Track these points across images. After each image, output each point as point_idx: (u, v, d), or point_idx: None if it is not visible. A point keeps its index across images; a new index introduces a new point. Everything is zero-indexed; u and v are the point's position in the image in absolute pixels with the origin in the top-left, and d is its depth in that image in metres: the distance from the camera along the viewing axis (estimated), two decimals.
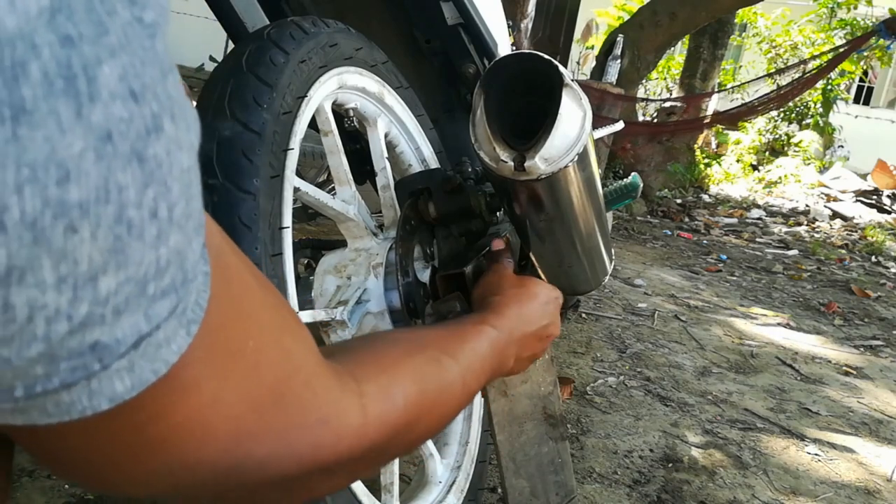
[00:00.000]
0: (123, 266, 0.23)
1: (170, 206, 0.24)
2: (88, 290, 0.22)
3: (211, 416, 0.30)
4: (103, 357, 0.24)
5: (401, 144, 1.09)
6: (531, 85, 0.66)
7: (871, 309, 3.27)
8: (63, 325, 0.22)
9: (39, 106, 0.19)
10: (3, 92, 0.18)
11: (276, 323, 0.35)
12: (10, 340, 0.21)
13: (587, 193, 0.73)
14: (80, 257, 0.21)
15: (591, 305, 2.71)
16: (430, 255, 0.92)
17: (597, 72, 4.72)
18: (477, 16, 1.13)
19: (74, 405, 0.25)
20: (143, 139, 0.22)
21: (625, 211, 4.72)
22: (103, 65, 0.20)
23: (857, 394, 2.24)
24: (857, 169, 7.12)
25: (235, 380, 0.31)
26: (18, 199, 0.19)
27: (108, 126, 0.21)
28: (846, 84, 8.20)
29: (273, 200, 0.74)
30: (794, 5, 8.83)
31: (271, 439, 0.34)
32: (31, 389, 0.23)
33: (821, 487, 1.64)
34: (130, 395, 0.26)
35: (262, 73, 0.76)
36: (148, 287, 0.24)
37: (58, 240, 0.20)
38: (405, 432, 0.44)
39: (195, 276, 0.27)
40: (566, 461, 1.07)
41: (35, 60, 0.19)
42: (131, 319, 0.24)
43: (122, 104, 0.21)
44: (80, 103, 0.20)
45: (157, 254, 0.24)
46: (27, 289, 0.21)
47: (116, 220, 0.22)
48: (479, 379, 0.58)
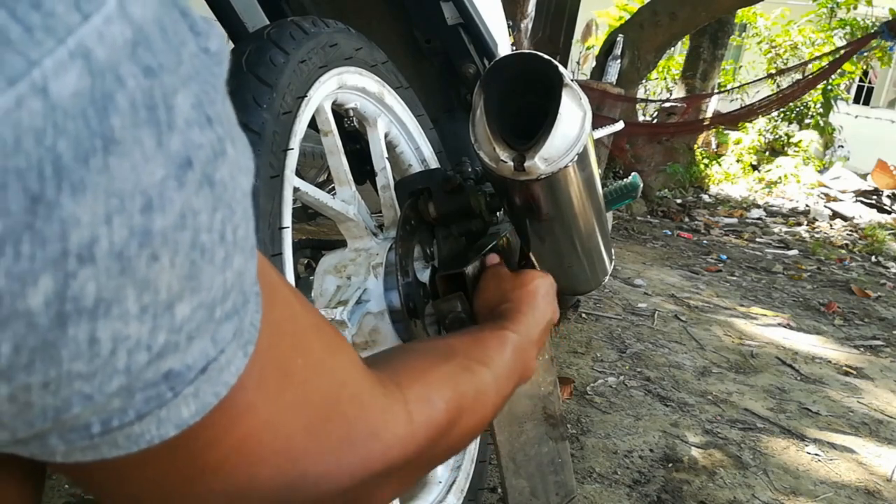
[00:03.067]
0: (197, 292, 0.23)
1: (234, 228, 0.24)
2: (167, 318, 0.22)
3: (265, 437, 0.30)
4: (175, 385, 0.24)
5: (401, 144, 1.08)
6: (531, 85, 0.66)
7: (871, 309, 3.26)
8: (143, 356, 0.22)
9: (126, 136, 0.19)
10: (95, 123, 0.19)
11: (321, 339, 0.35)
12: (92, 376, 0.21)
13: (587, 193, 0.73)
14: (161, 286, 0.21)
15: (591, 305, 2.71)
16: (430, 255, 0.92)
17: (597, 72, 4.72)
18: (477, 16, 1.13)
19: (143, 436, 0.25)
20: (213, 163, 0.22)
21: (625, 211, 4.72)
22: (178, 94, 0.21)
23: (858, 394, 2.24)
24: (857, 169, 7.11)
25: (287, 399, 0.31)
26: (107, 230, 0.19)
27: (185, 153, 0.21)
28: (846, 84, 8.20)
29: (273, 200, 0.74)
30: (794, 5, 8.83)
31: (324, 457, 0.33)
32: (108, 424, 0.23)
33: (821, 487, 1.63)
34: (195, 419, 0.26)
35: (261, 73, 0.76)
36: (216, 311, 0.24)
37: (142, 269, 0.21)
38: (448, 436, 0.44)
39: (251, 297, 0.27)
40: (566, 461, 1.07)
41: (121, 91, 0.19)
42: (201, 345, 0.24)
43: (198, 130, 0.22)
44: (160, 132, 0.20)
45: (224, 277, 0.24)
46: (112, 321, 0.21)
47: (192, 245, 0.22)
48: (509, 384, 0.58)
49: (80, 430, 0.23)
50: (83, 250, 0.19)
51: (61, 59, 0.17)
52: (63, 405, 0.22)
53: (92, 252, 0.19)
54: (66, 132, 0.18)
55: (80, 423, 0.23)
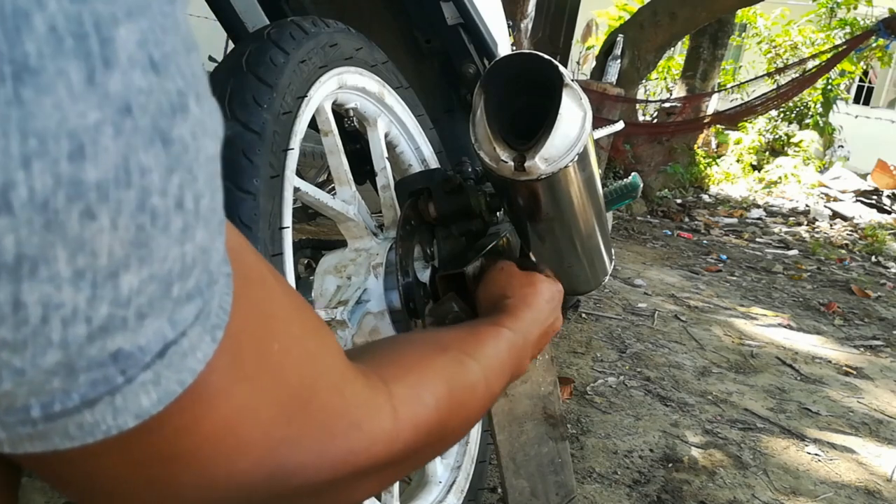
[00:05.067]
0: (147, 262, 0.20)
1: (196, 196, 0.21)
2: (109, 287, 0.20)
3: (240, 424, 0.28)
4: (127, 368, 0.22)
5: (401, 144, 1.08)
6: (531, 85, 0.66)
7: (871, 309, 3.26)
8: (81, 328, 0.20)
9: (46, 65, 0.17)
10: (3, 45, 0.16)
11: (300, 325, 0.33)
12: (22, 347, 0.19)
13: (587, 193, 0.73)
14: (100, 249, 0.19)
15: (592, 305, 2.71)
16: (430, 255, 0.92)
17: (597, 72, 4.72)
18: (477, 16, 1.13)
19: (98, 425, 0.23)
20: (168, 118, 0.20)
21: (625, 211, 4.72)
22: (119, 26, 0.18)
23: (858, 394, 2.24)
24: (857, 169, 7.11)
25: (262, 384, 0.29)
26: (26, 175, 0.17)
27: (127, 97, 0.18)
28: (846, 84, 8.20)
29: (273, 200, 0.74)
30: (794, 5, 8.83)
31: (304, 446, 0.32)
32: (49, 408, 0.21)
33: (821, 487, 1.63)
34: (157, 409, 0.24)
35: (262, 73, 0.76)
36: (173, 288, 0.22)
37: (73, 226, 0.18)
38: (436, 433, 0.43)
39: (219, 277, 0.25)
40: (566, 461, 1.07)
41: (40, 12, 0.17)
42: (156, 325, 0.22)
43: (142, 73, 0.19)
44: (92, 66, 0.17)
45: (183, 250, 0.21)
46: (40, 284, 0.18)
47: (139, 207, 0.19)
48: (500, 381, 0.57)
49: (17, 412, 0.21)
50: None
51: None
52: None
53: (7, 199, 0.17)
54: None
55: (16, 403, 0.21)
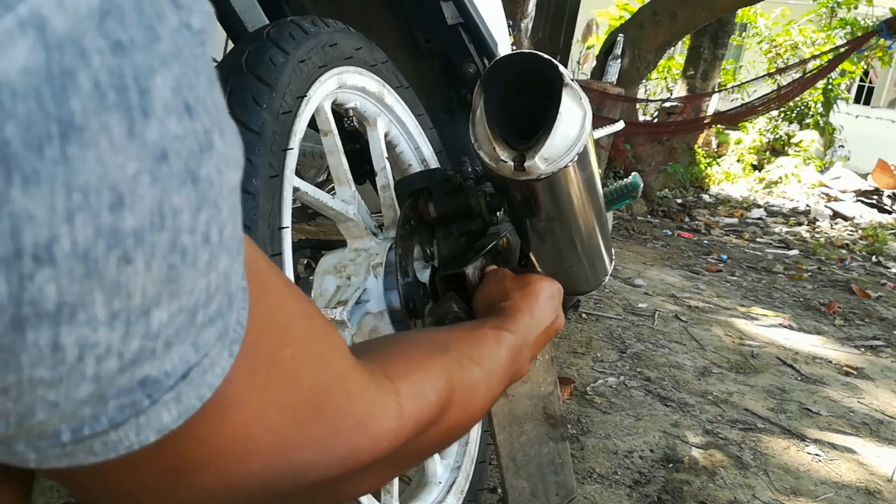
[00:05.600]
0: (176, 297, 0.21)
1: (220, 228, 0.22)
2: (141, 324, 0.20)
3: (255, 430, 0.29)
4: (153, 392, 0.23)
5: (401, 144, 1.08)
6: (531, 85, 0.66)
7: (871, 309, 3.26)
8: (114, 362, 0.20)
9: (90, 122, 0.17)
10: (51, 105, 0.16)
11: (310, 330, 0.34)
12: (58, 383, 0.20)
13: (587, 193, 0.73)
14: (134, 291, 0.20)
15: (592, 305, 2.71)
16: (430, 255, 0.92)
17: (597, 71, 4.71)
18: (477, 15, 1.13)
19: (121, 442, 0.23)
20: (197, 158, 0.20)
21: (625, 211, 4.72)
22: (156, 75, 0.18)
23: (858, 394, 2.23)
24: (858, 169, 7.11)
25: (275, 391, 0.30)
26: (69, 229, 0.17)
27: (163, 145, 0.19)
28: (846, 84, 8.20)
29: (272, 200, 0.74)
30: (794, 5, 8.83)
31: (312, 447, 0.33)
32: (79, 433, 0.22)
33: (821, 488, 1.63)
34: (177, 423, 0.24)
35: (261, 73, 0.76)
36: (197, 316, 0.22)
37: (111, 272, 0.19)
38: (437, 431, 0.44)
39: (237, 294, 0.26)
40: (566, 461, 1.07)
41: (85, 69, 0.17)
42: (181, 350, 0.23)
43: (177, 120, 0.19)
44: (132, 119, 0.18)
45: (208, 280, 0.22)
46: (79, 327, 0.19)
47: (171, 248, 0.20)
48: (501, 383, 0.58)
49: (48, 438, 0.22)
50: (40, 250, 0.17)
51: (8, 28, 0.15)
52: (26, 411, 0.20)
53: (51, 252, 0.17)
54: (15, 115, 0.16)
55: (48, 430, 0.21)
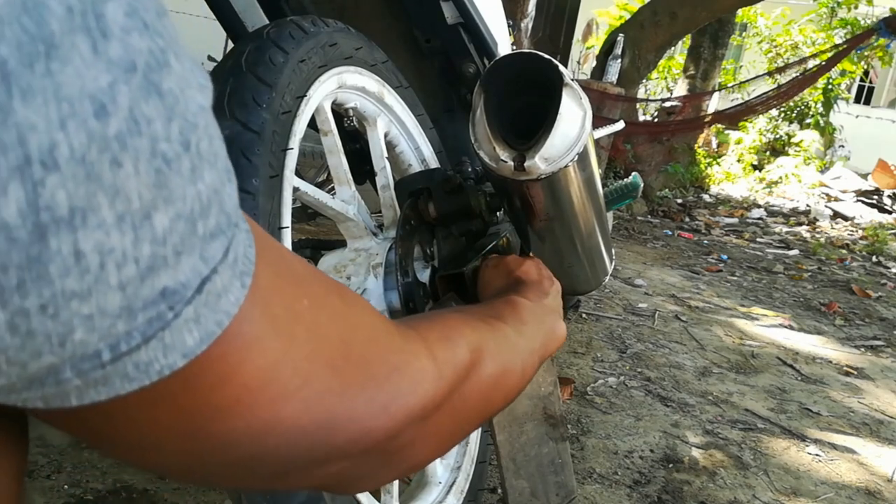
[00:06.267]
0: (171, 202, 0.23)
1: (197, 141, 0.24)
2: (146, 228, 0.22)
3: (281, 372, 0.30)
4: (174, 304, 0.25)
5: (401, 144, 1.08)
6: (531, 84, 0.65)
7: (871, 309, 3.26)
8: (132, 268, 0.22)
9: (64, 41, 0.20)
10: (33, 28, 0.19)
11: (324, 286, 0.35)
12: (88, 294, 0.22)
13: (587, 193, 0.73)
14: (131, 193, 0.22)
15: (592, 305, 2.71)
16: (429, 255, 0.92)
17: (597, 71, 4.71)
18: (477, 15, 1.13)
19: (152, 365, 0.25)
20: (157, 72, 0.22)
21: (625, 211, 4.72)
22: (108, 3, 0.21)
23: (858, 394, 2.23)
24: (858, 169, 7.11)
25: (299, 335, 0.31)
26: (65, 135, 0.20)
27: (129, 57, 0.21)
28: (847, 84, 8.20)
29: (272, 200, 0.74)
30: (795, 5, 8.83)
31: (350, 395, 0.34)
32: (117, 349, 0.24)
33: (821, 488, 1.63)
34: (200, 348, 0.26)
35: (261, 73, 0.76)
36: (197, 226, 0.25)
37: (107, 175, 0.21)
38: (475, 377, 0.45)
39: (238, 222, 0.27)
40: (566, 462, 1.07)
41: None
42: (191, 261, 0.25)
43: (136, 37, 0.22)
44: (94, 38, 0.20)
45: (197, 189, 0.24)
46: (92, 231, 0.21)
47: (152, 153, 0.22)
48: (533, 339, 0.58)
49: (91, 359, 0.23)
50: (45, 156, 0.19)
51: None
52: (65, 329, 0.22)
53: (54, 157, 0.20)
54: (5, 38, 0.18)
55: (88, 350, 0.23)
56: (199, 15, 5.36)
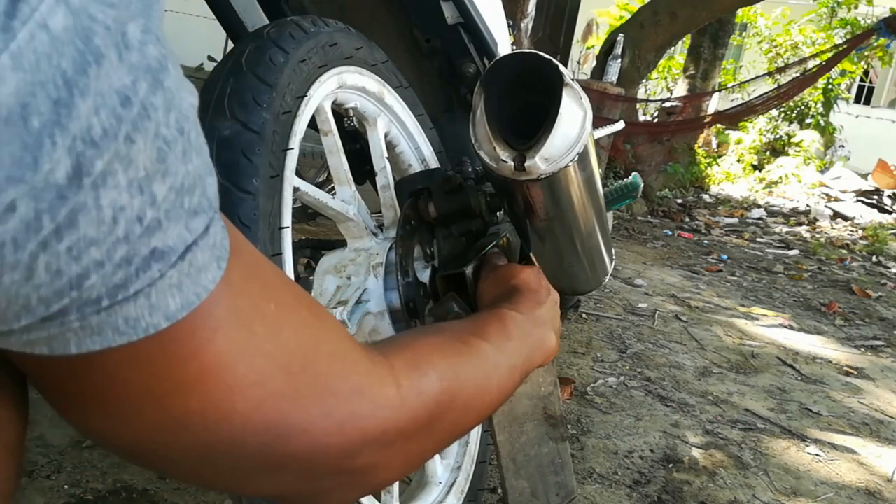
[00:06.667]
0: (167, 175, 0.28)
1: (188, 130, 0.29)
2: (148, 193, 0.27)
3: (238, 365, 0.32)
4: (161, 265, 0.29)
5: (401, 144, 1.08)
6: (531, 84, 0.65)
7: (871, 309, 3.26)
8: (137, 226, 0.27)
9: (104, 52, 0.25)
10: (82, 44, 0.25)
11: (294, 297, 0.37)
12: (102, 242, 0.26)
13: (587, 193, 0.73)
14: (139, 164, 0.27)
15: (592, 305, 2.71)
16: (430, 255, 0.92)
17: (597, 71, 4.71)
18: (477, 15, 1.13)
19: (139, 321, 0.29)
20: (161, 73, 0.28)
21: (625, 211, 4.72)
22: (129, 24, 0.26)
23: (858, 394, 2.23)
24: (858, 169, 7.11)
25: (259, 336, 0.33)
26: (98, 119, 0.25)
27: (145, 62, 0.27)
28: (847, 84, 8.19)
29: (272, 200, 0.74)
30: (795, 5, 8.83)
31: (305, 402, 0.35)
32: (114, 297, 0.28)
33: (821, 488, 1.63)
34: (181, 314, 0.30)
35: (261, 73, 0.76)
36: (184, 199, 0.29)
37: (124, 148, 0.26)
38: (444, 405, 0.45)
39: (216, 210, 0.31)
40: (566, 462, 1.07)
41: (96, 22, 0.25)
42: (177, 228, 0.29)
43: (152, 46, 0.27)
44: (120, 49, 0.26)
45: (186, 168, 0.29)
46: (110, 190, 0.26)
47: (156, 134, 0.27)
48: (515, 356, 0.58)
49: (92, 304, 0.28)
50: (85, 134, 0.25)
51: (50, 4, 0.24)
52: (83, 272, 0.26)
53: (92, 136, 0.25)
54: (66, 54, 0.24)
55: (93, 294, 0.27)
56: (199, 15, 5.35)
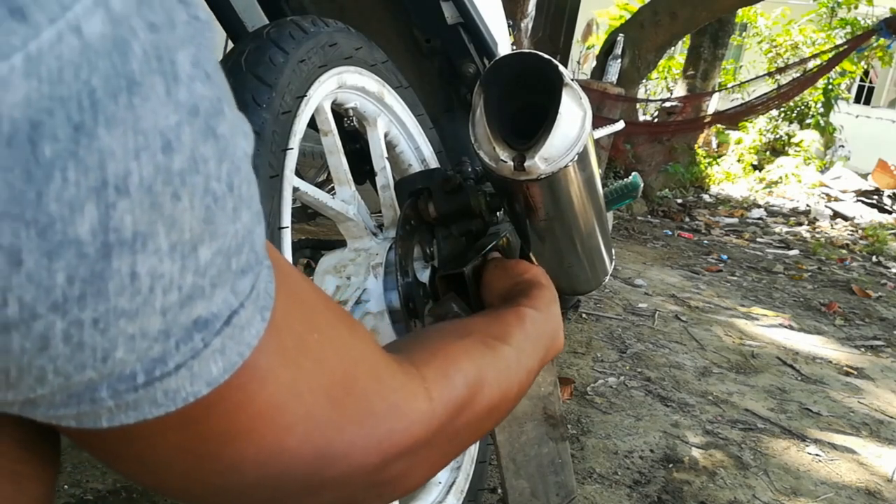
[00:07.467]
0: (214, 237, 0.25)
1: (239, 183, 0.26)
2: (192, 259, 0.24)
3: (289, 403, 0.31)
4: (205, 334, 0.26)
5: (400, 144, 1.08)
6: (531, 84, 0.65)
7: (871, 309, 3.26)
8: (175, 295, 0.24)
9: (144, 80, 0.21)
10: (119, 64, 0.21)
11: (334, 318, 0.36)
12: (135, 315, 0.23)
13: (587, 193, 0.73)
14: (184, 225, 0.23)
15: (592, 305, 2.71)
16: (429, 255, 0.92)
17: (597, 71, 4.71)
18: (477, 15, 1.13)
19: (179, 392, 0.26)
20: (215, 118, 0.24)
21: (625, 211, 4.71)
22: (179, 52, 0.23)
23: (858, 394, 2.23)
24: (858, 169, 7.11)
25: (306, 371, 0.32)
26: (137, 165, 0.21)
27: (192, 101, 0.23)
28: (847, 84, 8.19)
29: (272, 200, 0.74)
30: (795, 5, 8.83)
31: (349, 428, 0.35)
32: (151, 374, 0.25)
33: (821, 488, 1.63)
34: (223, 378, 0.27)
35: (261, 73, 0.76)
36: (232, 261, 0.26)
37: (167, 206, 0.23)
38: (470, 411, 0.45)
39: (263, 260, 0.29)
40: (566, 462, 1.07)
41: (135, 39, 0.21)
42: (223, 294, 0.26)
43: (199, 85, 0.24)
44: (167, 81, 0.22)
45: (235, 228, 0.26)
46: (149, 256, 0.23)
47: (205, 190, 0.24)
48: (534, 357, 0.58)
49: (126, 380, 0.25)
50: (119, 182, 0.21)
51: (87, 5, 0.20)
52: (110, 345, 0.23)
53: (126, 184, 0.21)
54: (98, 69, 0.20)
55: (126, 370, 0.24)
56: None
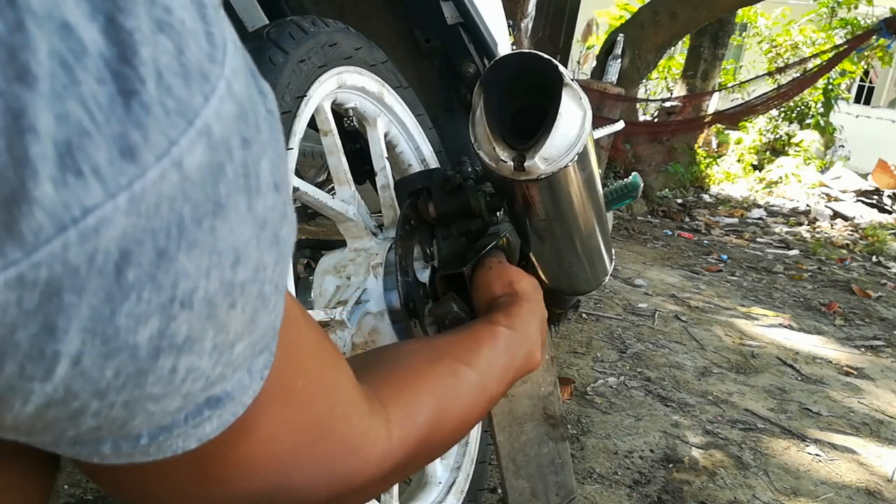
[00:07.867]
0: (251, 333, 0.26)
1: (283, 277, 0.27)
2: (227, 354, 0.25)
3: (262, 451, 0.32)
4: (215, 409, 0.27)
5: (400, 144, 1.08)
6: (531, 84, 0.65)
7: (871, 309, 3.26)
8: (201, 383, 0.25)
9: (230, 201, 0.22)
10: (210, 190, 0.21)
11: (322, 359, 0.37)
12: (162, 398, 0.24)
13: (587, 193, 0.73)
14: (230, 328, 0.24)
15: (592, 305, 2.71)
16: (429, 255, 0.92)
17: (597, 71, 4.71)
18: (477, 15, 1.13)
19: (171, 446, 0.27)
20: (280, 224, 0.25)
21: (625, 211, 4.71)
22: (262, 160, 0.23)
23: (858, 394, 2.23)
24: (858, 169, 7.11)
25: (286, 418, 0.33)
26: (206, 282, 0.22)
27: (265, 215, 0.24)
28: (847, 84, 8.19)
29: None
30: (795, 5, 8.83)
31: (309, 468, 0.36)
32: (155, 439, 0.26)
33: (821, 488, 1.63)
34: (214, 434, 0.28)
35: (261, 73, 0.76)
36: (257, 346, 0.27)
37: (222, 315, 0.23)
38: (425, 449, 0.46)
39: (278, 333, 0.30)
40: (566, 462, 1.07)
41: (230, 162, 0.22)
42: (240, 375, 0.27)
43: (272, 194, 0.24)
44: (251, 196, 0.23)
45: (271, 319, 0.27)
46: (192, 356, 0.23)
47: (259, 296, 0.25)
48: (501, 381, 0.58)
49: (132, 440, 0.26)
50: (186, 297, 0.22)
51: (192, 137, 0.20)
52: (129, 417, 0.24)
53: (192, 300, 0.22)
54: (190, 198, 0.21)
55: (133, 433, 0.25)
56: None
